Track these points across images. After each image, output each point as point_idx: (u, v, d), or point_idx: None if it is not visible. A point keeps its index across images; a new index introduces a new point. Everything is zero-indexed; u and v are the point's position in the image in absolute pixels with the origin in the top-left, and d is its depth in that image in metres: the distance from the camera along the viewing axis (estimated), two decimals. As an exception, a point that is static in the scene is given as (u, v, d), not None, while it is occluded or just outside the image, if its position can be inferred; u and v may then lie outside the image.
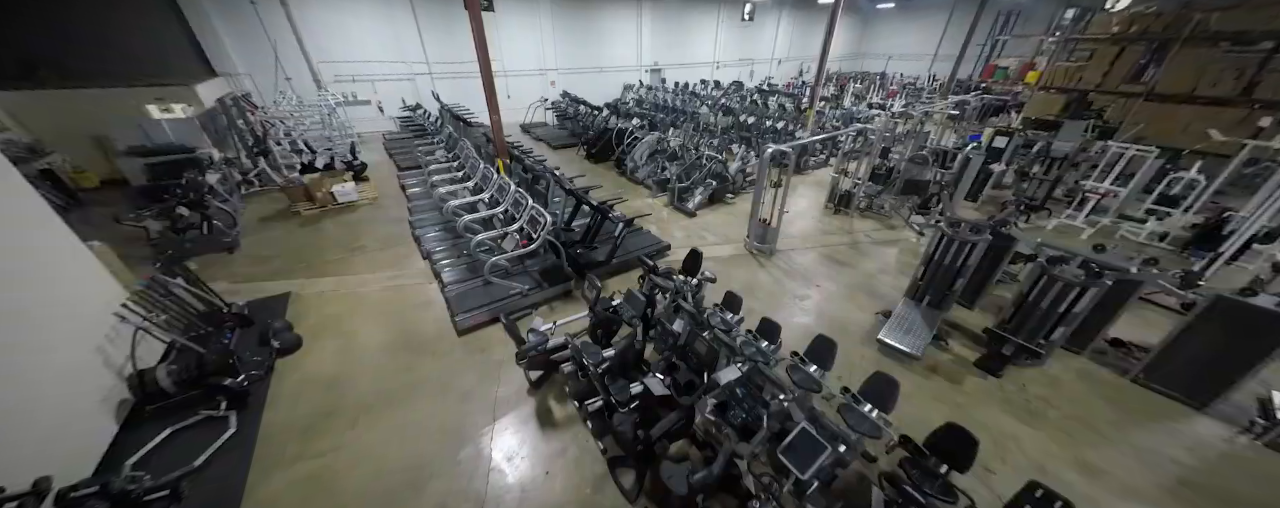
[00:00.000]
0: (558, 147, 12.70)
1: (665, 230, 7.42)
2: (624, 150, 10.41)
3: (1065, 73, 10.25)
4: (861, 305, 5.40)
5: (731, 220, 7.89)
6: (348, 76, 12.78)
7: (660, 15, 18.39)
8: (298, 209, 7.75)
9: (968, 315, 5.19)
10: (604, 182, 9.87)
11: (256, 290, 5.52)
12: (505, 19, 14.70)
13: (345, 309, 5.20)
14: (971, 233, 4.57)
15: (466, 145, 8.12)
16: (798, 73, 25.84)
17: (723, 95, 16.73)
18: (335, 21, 12.04)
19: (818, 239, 7.19)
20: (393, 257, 6.41)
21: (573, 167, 11.02)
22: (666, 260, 6.44)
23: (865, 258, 6.57)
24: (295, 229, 7.25)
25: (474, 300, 5.05)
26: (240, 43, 11.06)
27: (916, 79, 22.51)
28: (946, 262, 4.75)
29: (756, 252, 6.71)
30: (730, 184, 8.78)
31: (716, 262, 6.42)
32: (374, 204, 8.35)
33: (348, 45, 12.45)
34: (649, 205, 8.61)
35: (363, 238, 6.98)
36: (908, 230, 7.46)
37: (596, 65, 17.81)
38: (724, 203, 8.69)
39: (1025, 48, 16.35)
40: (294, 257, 6.38)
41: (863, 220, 7.90)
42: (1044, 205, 7.82)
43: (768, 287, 5.80)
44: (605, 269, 5.91)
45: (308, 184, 7.75)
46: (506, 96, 15.90)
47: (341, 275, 5.92)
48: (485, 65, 6.42)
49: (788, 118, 12.06)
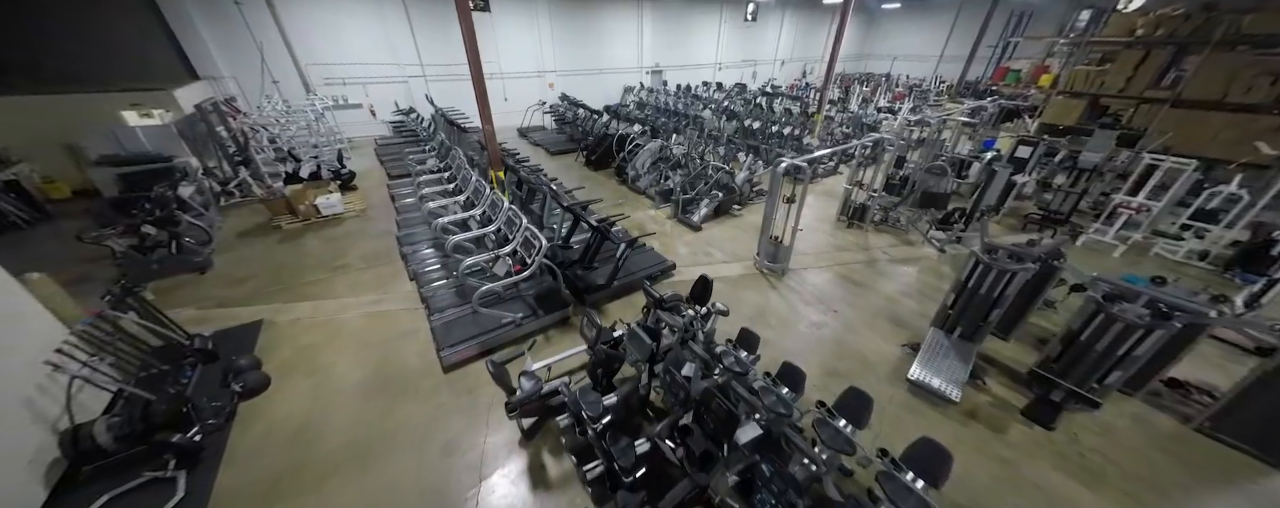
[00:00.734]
0: (556, 153, 12.25)
1: (669, 246, 6.98)
2: (625, 158, 9.96)
3: (1085, 76, 9.81)
4: (885, 335, 4.96)
5: (739, 235, 7.45)
6: (338, 79, 12.32)
7: (662, 15, 17.94)
8: (279, 223, 7.30)
9: (1002, 347, 4.75)
10: (604, 191, 9.43)
11: (227, 318, 5.07)
12: (502, 19, 14.24)
13: (321, 340, 4.76)
14: (1012, 261, 4.13)
15: (459, 155, 7.66)
16: (801, 74, 25.39)
17: (725, 98, 16.29)
18: (325, 22, 11.58)
19: (832, 256, 6.75)
20: (377, 277, 5.96)
21: (571, 174, 10.58)
22: (671, 282, 6.00)
23: (884, 278, 6.13)
24: (275, 245, 6.80)
25: (462, 331, 4.61)
26: (224, 44, 10.60)
27: (922, 81, 22.09)
28: (982, 291, 4.31)
29: (767, 271, 6.27)
30: (737, 195, 8.34)
31: (725, 282, 5.98)
32: (361, 216, 7.90)
33: (338, 47, 11.99)
34: (651, 218, 8.16)
35: (347, 255, 6.53)
36: (927, 247, 7.02)
37: (596, 67, 17.36)
38: (731, 215, 8.25)
39: (1035, 49, 15.93)
40: (271, 277, 5.93)
41: (878, 235, 7.46)
42: (1069, 219, 7.38)
43: (781, 312, 5.36)
44: (606, 293, 5.47)
45: (289, 196, 7.29)
46: (504, 99, 15.48)
47: (320, 299, 5.47)
48: (476, 69, 5.96)
49: (794, 123, 11.62)
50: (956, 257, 6.69)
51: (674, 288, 5.84)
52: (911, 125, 8.00)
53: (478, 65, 5.95)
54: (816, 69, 26.20)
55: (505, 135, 14.25)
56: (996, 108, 9.79)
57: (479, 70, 5.99)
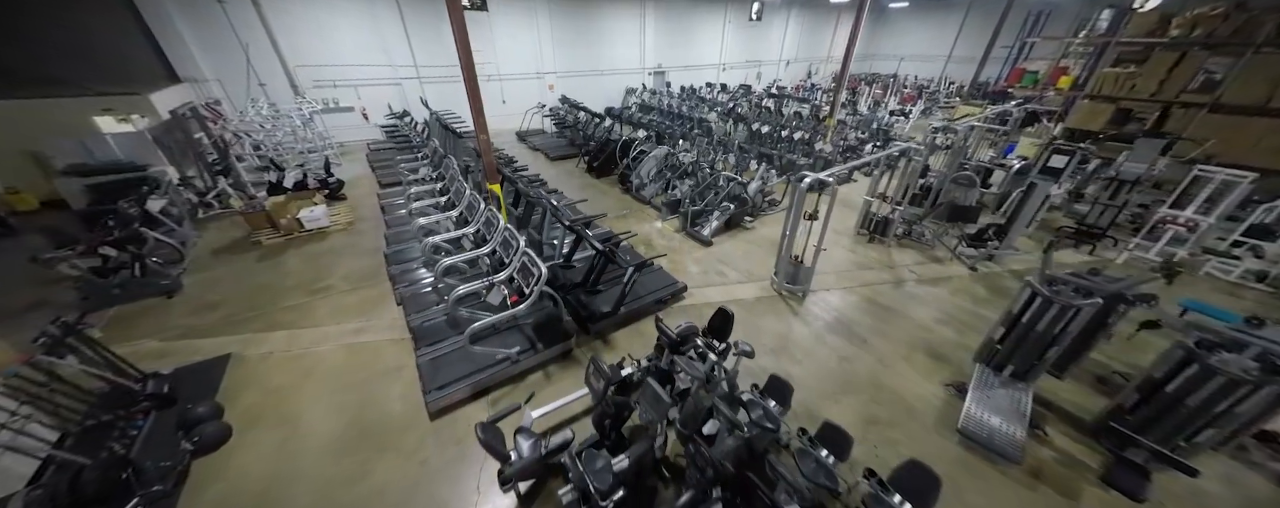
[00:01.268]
0: (556, 158, 11.73)
1: (678, 264, 6.48)
2: (629, 165, 9.45)
3: (1115, 79, 9.31)
4: (923, 371, 4.45)
5: (753, 250, 6.95)
6: (328, 81, 11.80)
7: (664, 15, 17.41)
8: (259, 238, 6.78)
9: (1058, 386, 4.24)
10: (607, 201, 8.92)
11: (191, 351, 4.56)
12: (500, 19, 13.72)
13: (294, 378, 4.25)
14: (1078, 295, 3.62)
15: (453, 164, 7.15)
16: (806, 74, 24.89)
17: (730, 100, 15.78)
18: (314, 22, 11.05)
19: (854, 275, 6.24)
20: (362, 301, 5.45)
21: (572, 181, 10.07)
22: (683, 307, 5.49)
23: (914, 302, 5.62)
24: (253, 264, 6.29)
25: (451, 370, 4.11)
26: (208, 46, 10.07)
27: (930, 81, 21.59)
28: (1039, 327, 3.81)
29: (786, 293, 5.77)
30: (749, 206, 7.83)
31: (741, 306, 5.47)
32: (349, 230, 7.38)
33: (328, 48, 11.47)
34: (658, 231, 7.65)
35: (330, 275, 6.02)
36: (956, 264, 6.52)
37: (597, 68, 16.84)
38: (742, 227, 7.74)
39: (1049, 50, 15.42)
40: (245, 302, 5.42)
41: (902, 251, 6.95)
42: (1107, 233, 6.88)
43: (805, 343, 4.85)
44: (612, 321, 4.97)
45: (270, 209, 6.78)
46: (502, 102, 14.98)
47: (297, 328, 4.96)
48: (469, 72, 5.45)
49: (806, 127, 11.11)
50: (990, 276, 6.19)
51: (686, 314, 5.34)
52: (936, 132, 7.50)
53: (470, 68, 5.43)
54: (821, 69, 25.71)
55: (503, 139, 13.74)
56: (1022, 112, 9.28)
57: (472, 73, 5.48)
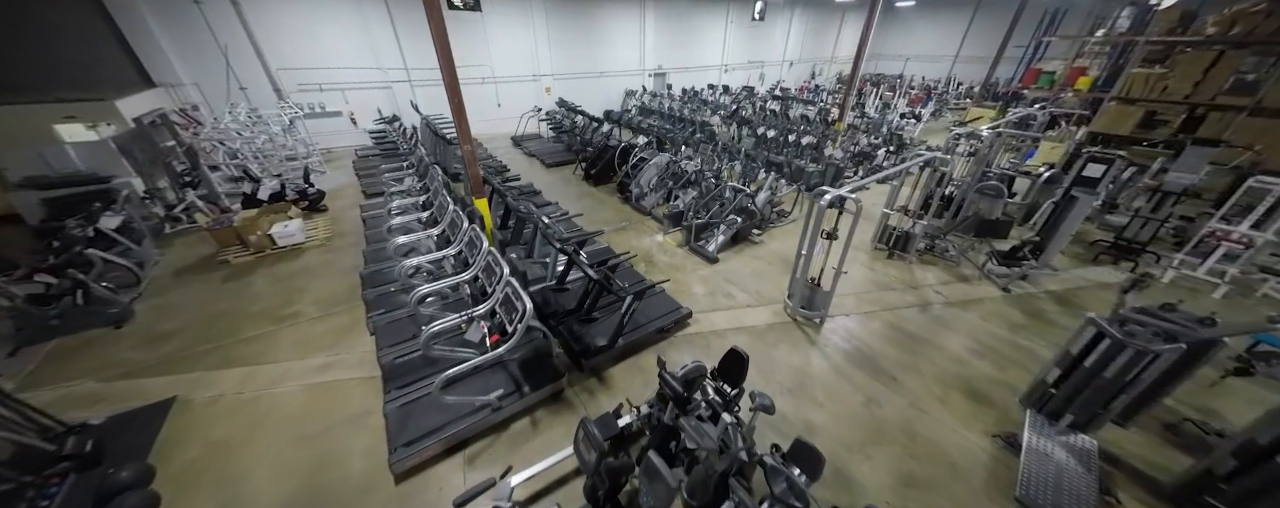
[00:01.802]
0: (552, 164, 11.20)
1: (682, 284, 5.93)
2: (629, 173, 8.91)
3: (1145, 80, 8.76)
4: (963, 415, 3.91)
5: (762, 268, 6.40)
6: (314, 85, 11.28)
7: (665, 15, 16.89)
8: (226, 256, 6.25)
9: (1121, 437, 3.69)
10: (605, 211, 8.39)
11: (131, 395, 4.03)
12: (494, 19, 13.20)
13: (244, 428, 3.71)
14: (1159, 339, 3.07)
15: (438, 175, 6.62)
16: (810, 75, 24.38)
17: (733, 102, 15.26)
18: (298, 23, 10.54)
19: (875, 297, 5.69)
20: (332, 330, 4.92)
21: (569, 189, 9.53)
22: (687, 335, 4.95)
23: (944, 329, 5.07)
24: (216, 287, 5.76)
25: (423, 420, 3.57)
26: (184, 48, 9.56)
27: (937, 82, 21.06)
28: (1108, 373, 3.26)
29: (802, 319, 5.22)
30: (757, 218, 7.29)
31: (752, 335, 4.93)
32: (326, 246, 6.85)
33: (314, 50, 10.95)
34: (660, 245, 7.11)
35: (299, 299, 5.48)
36: (986, 283, 5.97)
37: (596, 69, 16.32)
38: (750, 241, 7.20)
39: (1061, 49, 14.88)
40: (202, 332, 4.89)
41: (924, 268, 6.41)
42: (1146, 249, 6.32)
43: (826, 381, 4.31)
44: (609, 355, 4.42)
45: (237, 225, 6.25)
46: (497, 105, 14.47)
47: (256, 364, 4.42)
48: (450, 76, 4.93)
49: (814, 131, 10.58)
50: (1025, 298, 5.63)
51: (691, 344, 4.80)
52: (959, 139, 6.96)
53: (451, 71, 4.91)
54: (826, 70, 25.19)
55: (498, 144, 13.23)
56: (1048, 116, 8.73)
57: (453, 77, 4.95)
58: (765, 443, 2.91)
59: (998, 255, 6.01)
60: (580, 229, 7.15)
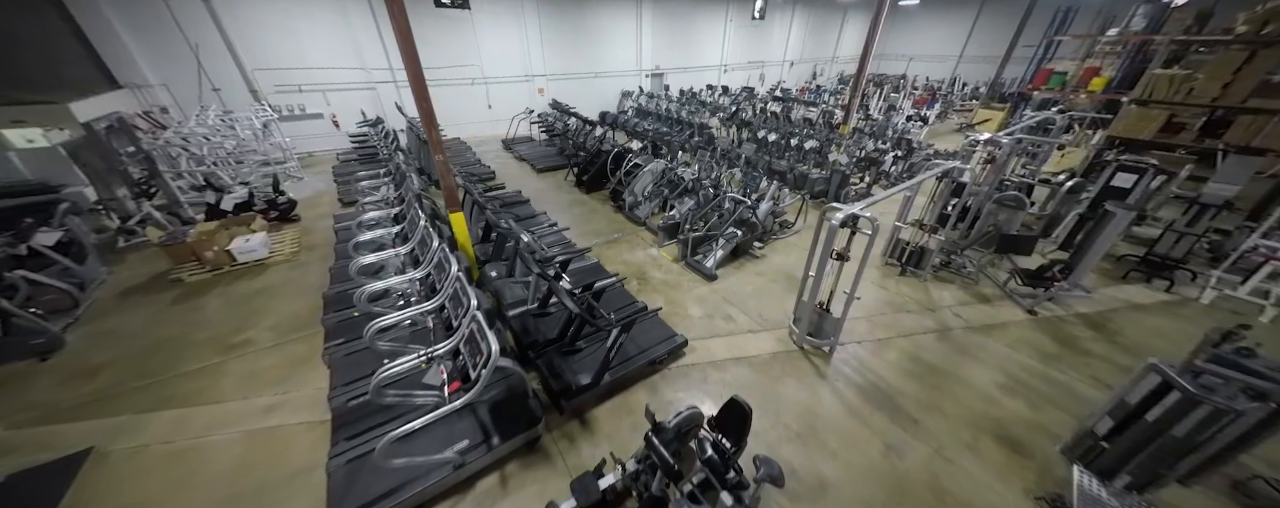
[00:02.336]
0: (543, 169, 10.68)
1: (677, 304, 5.43)
2: (622, 179, 8.41)
3: (1169, 82, 8.27)
4: (998, 468, 3.40)
5: (764, 286, 5.90)
6: (293, 86, 10.75)
7: (662, 14, 16.38)
8: (180, 274, 5.73)
9: (1183, 497, 3.18)
10: (597, 221, 7.88)
11: (44, 444, 3.51)
12: (484, 18, 12.68)
13: (165, 487, 3.19)
14: (1243, 396, 2.57)
15: (412, 185, 6.11)
16: (811, 76, 23.89)
17: (732, 103, 14.74)
18: (274, 21, 10.01)
19: (888, 320, 5.19)
20: (285, 361, 4.40)
21: (560, 197, 9.02)
22: (683, 366, 4.44)
23: (967, 358, 4.57)
24: (165, 309, 5.24)
25: (370, 483, 3.05)
26: (151, 47, 9.03)
27: (941, 83, 20.59)
28: (1177, 432, 2.76)
29: (809, 348, 4.71)
30: (758, 230, 6.78)
31: (754, 367, 4.42)
32: (292, 261, 6.33)
33: (292, 49, 10.43)
34: (653, 259, 6.61)
35: (255, 323, 4.97)
36: (1010, 304, 5.47)
37: (591, 70, 15.80)
38: (751, 255, 6.69)
39: (1069, 49, 14.38)
40: (138, 364, 4.37)
41: (940, 286, 5.90)
42: (1182, 264, 5.83)
43: (838, 423, 3.80)
44: (594, 394, 3.92)
45: (192, 239, 5.73)
46: (488, 107, 13.97)
47: (193, 405, 3.90)
48: (416, 77, 4.42)
49: (819, 136, 10.08)
50: (1054, 322, 5.13)
51: (686, 378, 4.29)
52: (977, 145, 6.46)
53: (418, 72, 4.40)
54: (827, 71, 24.71)
55: (488, 147, 12.72)
56: (1067, 119, 8.23)
57: (420, 79, 4.44)
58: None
59: (1022, 274, 5.50)
60: (569, 243, 6.66)
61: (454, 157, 11.27)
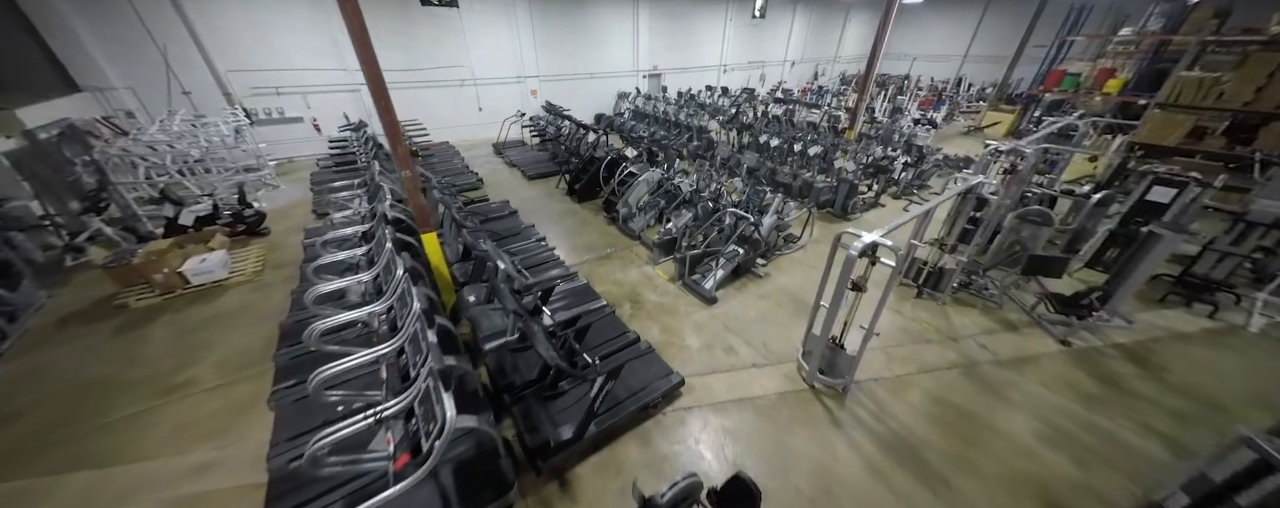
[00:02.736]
0: (534, 176, 10.16)
1: (672, 332, 4.92)
2: (616, 189, 7.89)
3: (1198, 85, 7.77)
4: (1047, 547, 2.90)
5: (769, 310, 5.39)
6: (270, 88, 10.21)
7: (660, 13, 15.84)
8: (126, 299, 5.21)
9: (1271, 590, 2.68)
10: (589, 233, 7.37)
11: (-74, 516, 3.00)
12: (473, 17, 12.14)
13: (62, 578, 2.68)
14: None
15: (384, 199, 5.59)
16: (813, 76, 23.38)
17: (732, 105, 14.20)
18: (249, 21, 9.48)
19: (907, 353, 4.68)
20: (227, 409, 3.89)
21: (551, 206, 8.51)
22: (679, 411, 3.93)
23: (999, 401, 4.06)
24: (105, 340, 4.72)
25: (302, 576, 2.54)
26: (115, 49, 8.48)
27: (945, 83, 20.11)
28: (1280, 525, 2.25)
29: (821, 387, 4.21)
30: (762, 246, 6.28)
31: (759, 411, 3.92)
32: (255, 282, 5.81)
33: (269, 50, 9.89)
34: (648, 278, 6.10)
35: (200, 359, 4.45)
36: (1039, 332, 4.96)
37: (586, 71, 15.27)
38: (753, 274, 6.19)
39: (1076, 49, 13.87)
40: (61, 410, 3.85)
41: (961, 311, 5.40)
42: (1225, 287, 5.33)
43: (857, 485, 3.29)
44: (576, 450, 3.41)
45: (138, 261, 5.20)
46: (478, 109, 13.45)
47: (112, 464, 3.39)
48: (375, 79, 3.91)
49: (823, 141, 9.57)
50: (1091, 355, 4.63)
51: (683, 426, 3.79)
52: (999, 156, 5.95)
53: (376, 74, 3.89)
54: (829, 71, 24.19)
55: (478, 151, 12.20)
56: (1089, 124, 7.73)
57: (379, 82, 3.93)
58: None
59: (1053, 300, 4.99)
60: (556, 260, 6.14)
61: (441, 162, 10.75)
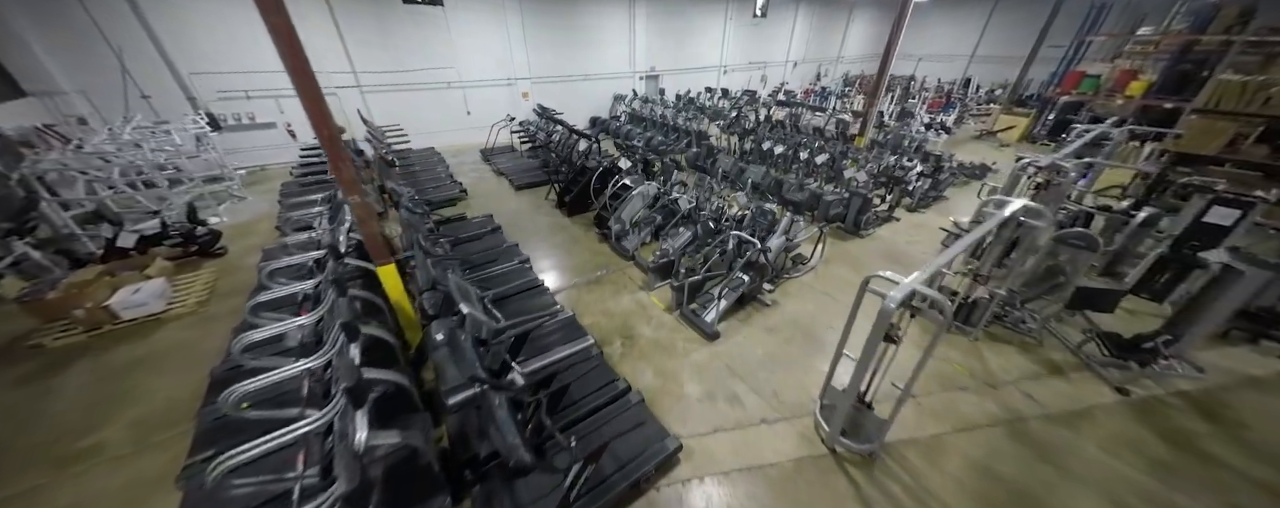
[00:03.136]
0: (522, 186, 9.51)
1: (669, 377, 4.27)
2: (608, 203, 7.23)
3: (1242, 89, 7.15)
4: None
5: (777, 348, 4.74)
6: (239, 92, 9.55)
7: (658, 12, 15.18)
8: (43, 339, 4.55)
9: None
10: (578, 252, 6.72)
11: None
12: (460, 16, 11.48)
13: None
14: None
15: (344, 221, 4.94)
16: (815, 77, 22.74)
17: (732, 108, 13.54)
18: (212, 21, 8.81)
19: (941, 403, 4.03)
20: (132, 484, 3.24)
21: (539, 220, 7.86)
22: (674, 480, 3.28)
23: (1055, 471, 3.42)
24: (4, 392, 4.06)
25: None
26: (64, 50, 7.80)
27: (952, 85, 19.47)
28: None
29: (842, 451, 3.56)
30: (769, 271, 5.63)
31: (771, 484, 3.28)
32: (197, 314, 5.15)
33: (236, 51, 9.22)
34: (641, 306, 5.45)
35: (115, 416, 3.80)
36: (1089, 377, 4.32)
37: (581, 72, 14.61)
38: (759, 303, 5.54)
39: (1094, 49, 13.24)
40: (-69, 488, 3.20)
41: (996, 348, 4.76)
42: (1293, 319, 4.69)
43: (898, 594, 2.65)
44: (545, 549, 2.76)
45: (56, 295, 4.54)
46: (466, 113, 12.79)
47: (-26, 568, 2.74)
48: (306, 87, 3.27)
49: (832, 148, 8.93)
50: (1154, 406, 3.99)
51: (679, 495, 3.15)
52: (1034, 172, 5.31)
53: (310, 85, 3.24)
54: (832, 71, 23.56)
55: (466, 158, 11.55)
56: (1126, 132, 7.09)
57: (312, 89, 3.28)
58: None
59: (1107, 341, 4.35)
60: (540, 288, 5.48)
61: (423, 171, 10.09)
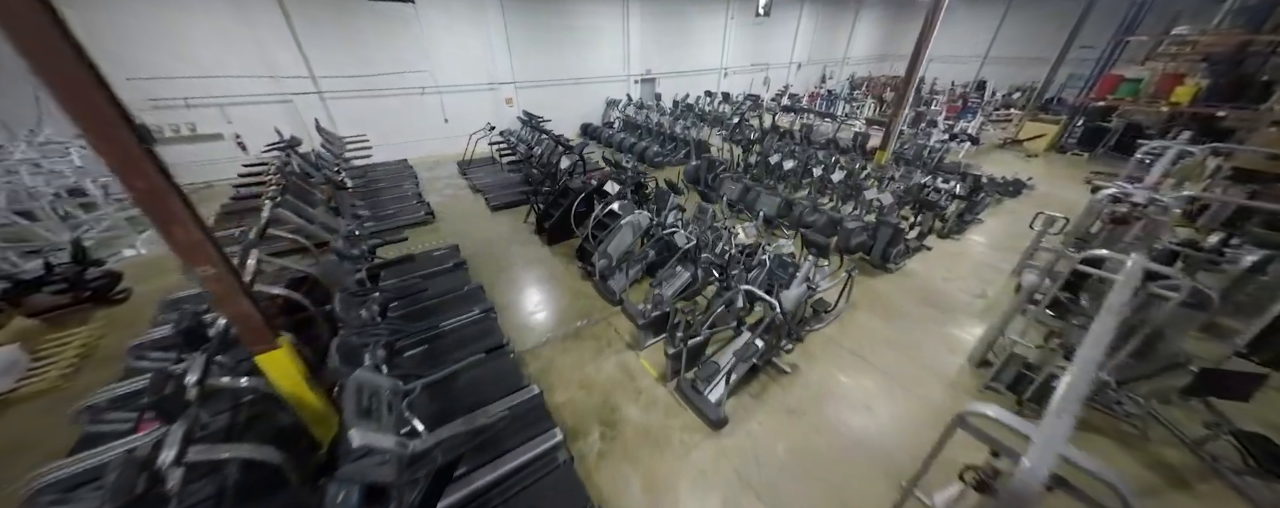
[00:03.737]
0: (500, 206, 8.40)
1: (658, 488, 3.18)
2: (593, 232, 6.12)
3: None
4: None
5: (803, 440, 3.64)
6: (177, 100, 8.42)
7: (654, 12, 14.09)
8: None
9: None
10: (558, 293, 5.62)
11: None
12: (433, 14, 10.36)
13: None
14: None
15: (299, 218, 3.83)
16: (820, 79, 21.69)
17: (734, 114, 12.43)
18: (145, 20, 7.70)
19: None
20: None
21: (514, 251, 6.75)
22: None
23: None
24: None
25: None
26: (-41, 52, 6.70)
27: (965, 88, 18.46)
28: None
29: (912, 635, 2.46)
30: (787, 327, 4.53)
31: None
32: (59, 390, 4.03)
33: (174, 55, 8.10)
34: (630, 373, 4.35)
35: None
36: (1222, 488, 3.24)
37: (571, 75, 13.52)
38: (775, 369, 4.44)
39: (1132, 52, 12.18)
40: None
41: (1090, 442, 3.67)
42: None
43: None
44: None
45: None
46: (443, 120, 11.68)
47: None
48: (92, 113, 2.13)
49: (849, 164, 7.84)
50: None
51: None
52: (1113, 204, 4.24)
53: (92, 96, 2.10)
54: (838, 73, 22.51)
55: (441, 171, 10.45)
56: (1207, 151, 6.01)
57: (94, 105, 2.14)
58: None
59: (1256, 449, 3.23)
60: (503, 350, 4.37)
61: (389, 188, 9.00)
